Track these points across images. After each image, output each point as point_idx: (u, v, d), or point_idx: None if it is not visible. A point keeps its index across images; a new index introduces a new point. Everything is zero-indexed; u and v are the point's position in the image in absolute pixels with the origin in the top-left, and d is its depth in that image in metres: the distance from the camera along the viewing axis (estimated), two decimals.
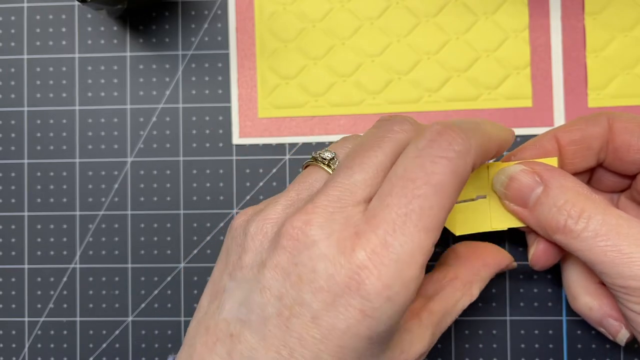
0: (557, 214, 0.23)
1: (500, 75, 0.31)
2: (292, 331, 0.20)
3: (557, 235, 0.23)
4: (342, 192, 0.21)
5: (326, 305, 0.19)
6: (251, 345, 0.20)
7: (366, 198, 0.21)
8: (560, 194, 0.23)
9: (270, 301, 0.20)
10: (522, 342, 0.31)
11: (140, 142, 0.32)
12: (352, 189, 0.21)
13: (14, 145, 0.33)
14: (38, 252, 0.32)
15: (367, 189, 0.21)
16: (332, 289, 0.19)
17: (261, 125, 0.32)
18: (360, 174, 0.21)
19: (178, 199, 0.32)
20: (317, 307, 0.19)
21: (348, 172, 0.21)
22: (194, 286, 0.32)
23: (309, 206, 0.20)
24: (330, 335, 0.19)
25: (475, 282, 0.26)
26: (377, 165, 0.21)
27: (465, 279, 0.26)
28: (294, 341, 0.19)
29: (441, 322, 0.24)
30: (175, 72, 0.32)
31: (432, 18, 0.31)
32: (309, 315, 0.19)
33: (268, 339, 0.20)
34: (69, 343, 0.32)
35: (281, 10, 0.32)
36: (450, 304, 0.25)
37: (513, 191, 0.25)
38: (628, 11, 0.31)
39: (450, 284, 0.25)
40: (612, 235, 0.22)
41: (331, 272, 0.19)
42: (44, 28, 0.33)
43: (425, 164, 0.20)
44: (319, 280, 0.19)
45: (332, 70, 0.32)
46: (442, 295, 0.25)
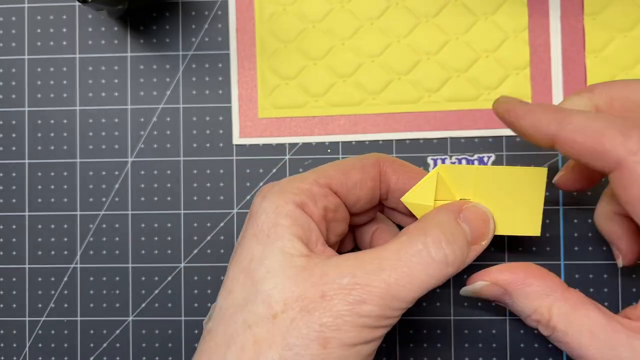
0: (527, 319, 0.25)
1: (500, 76, 0.31)
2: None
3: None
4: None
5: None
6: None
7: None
8: (527, 305, 0.24)
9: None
10: (521, 342, 0.31)
11: (141, 142, 0.32)
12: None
13: (14, 145, 0.33)
14: (39, 251, 0.32)
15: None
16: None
17: (261, 126, 0.32)
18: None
19: (178, 199, 0.32)
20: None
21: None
22: (195, 286, 0.32)
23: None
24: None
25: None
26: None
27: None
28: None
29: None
30: (175, 72, 0.32)
31: (432, 18, 0.32)
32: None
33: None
34: (70, 342, 0.32)
35: (281, 11, 0.32)
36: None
37: (487, 298, 0.26)
38: (628, 11, 0.31)
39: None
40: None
41: None
42: (44, 28, 0.33)
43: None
44: None
45: (332, 71, 0.32)
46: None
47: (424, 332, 0.31)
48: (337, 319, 0.21)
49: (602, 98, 0.24)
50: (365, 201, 0.26)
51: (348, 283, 0.21)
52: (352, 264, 0.22)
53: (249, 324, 0.22)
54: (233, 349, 0.22)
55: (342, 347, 0.21)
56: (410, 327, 0.31)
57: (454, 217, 0.24)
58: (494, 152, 0.31)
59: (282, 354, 0.21)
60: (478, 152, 0.31)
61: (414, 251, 0.22)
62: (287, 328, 0.21)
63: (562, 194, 0.31)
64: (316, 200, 0.24)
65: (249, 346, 0.21)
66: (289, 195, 0.24)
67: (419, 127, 0.32)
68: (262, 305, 0.22)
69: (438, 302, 0.31)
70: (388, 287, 0.21)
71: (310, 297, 0.21)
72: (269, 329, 0.21)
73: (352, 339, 0.21)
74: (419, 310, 0.31)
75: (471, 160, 0.31)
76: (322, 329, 0.21)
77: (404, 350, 0.31)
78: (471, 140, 0.31)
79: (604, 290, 0.31)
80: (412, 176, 0.27)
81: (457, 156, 0.31)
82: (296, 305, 0.21)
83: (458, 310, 0.31)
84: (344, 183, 0.25)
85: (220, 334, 0.22)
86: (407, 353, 0.31)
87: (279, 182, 0.25)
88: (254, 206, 0.24)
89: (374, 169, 0.26)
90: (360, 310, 0.21)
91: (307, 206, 0.24)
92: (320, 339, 0.21)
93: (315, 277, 0.22)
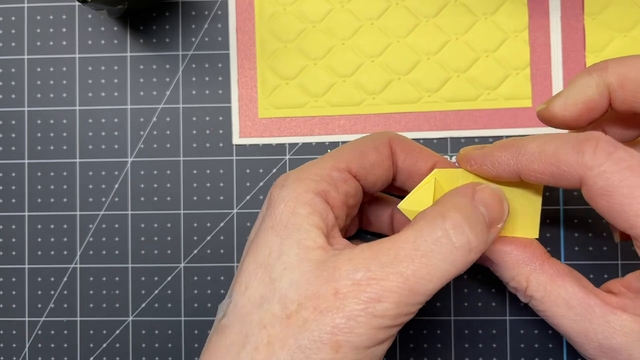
0: (509, 284, 0.25)
1: (500, 76, 0.31)
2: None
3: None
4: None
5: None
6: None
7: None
8: (507, 272, 0.25)
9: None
10: (521, 342, 0.31)
11: (141, 142, 0.32)
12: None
13: (14, 145, 0.33)
14: (38, 252, 0.32)
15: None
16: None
17: (261, 126, 0.32)
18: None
19: (178, 199, 0.32)
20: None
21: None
22: (194, 286, 0.32)
23: None
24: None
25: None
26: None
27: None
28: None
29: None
30: (175, 72, 0.32)
31: (432, 18, 0.32)
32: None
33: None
34: (70, 343, 0.32)
35: (281, 11, 0.32)
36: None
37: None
38: (628, 11, 0.31)
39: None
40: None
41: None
42: (44, 28, 0.33)
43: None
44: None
45: (332, 71, 0.32)
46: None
47: (424, 332, 0.31)
48: (350, 321, 0.20)
49: (615, 76, 0.23)
50: (382, 182, 0.26)
51: (362, 278, 0.20)
52: (367, 255, 0.21)
53: (264, 324, 0.21)
54: (247, 349, 0.21)
55: (356, 351, 0.20)
56: (411, 327, 0.31)
57: (470, 199, 0.23)
58: None
59: (294, 357, 0.20)
60: None
61: (433, 238, 0.21)
62: (299, 329, 0.20)
63: (562, 192, 0.31)
64: (337, 187, 0.24)
65: (263, 347, 0.21)
66: (309, 183, 0.23)
67: (419, 127, 0.32)
68: (278, 305, 0.21)
69: (438, 303, 0.31)
70: (405, 281, 0.20)
71: (323, 295, 0.20)
72: (282, 330, 0.21)
73: (365, 342, 0.20)
74: (419, 311, 0.31)
75: None
76: (335, 331, 0.20)
77: (404, 351, 0.31)
78: (471, 140, 0.31)
79: None
80: (420, 157, 0.26)
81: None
82: (309, 305, 0.20)
83: (458, 310, 0.31)
84: (363, 165, 0.25)
85: (235, 332, 0.22)
86: (407, 353, 0.31)
87: (295, 170, 0.24)
88: (272, 196, 0.23)
89: (387, 149, 0.25)
90: (374, 310, 0.20)
91: (329, 194, 0.23)
92: (332, 343, 0.20)
93: (329, 271, 0.21)
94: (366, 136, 0.26)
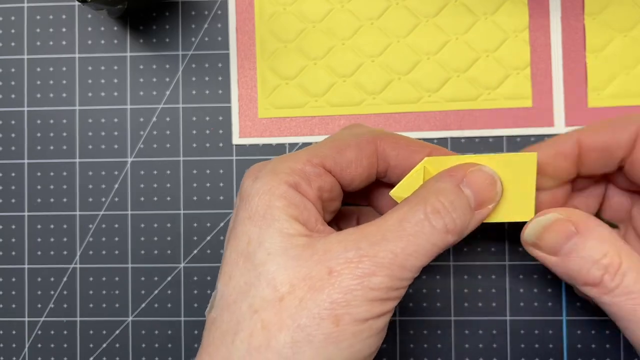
0: (593, 268, 0.22)
1: (500, 76, 0.31)
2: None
3: (587, 287, 0.23)
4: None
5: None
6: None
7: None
8: (597, 246, 0.23)
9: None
10: (522, 342, 0.31)
11: (141, 142, 0.32)
12: None
13: (14, 145, 0.33)
14: (38, 252, 0.32)
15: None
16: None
17: (261, 126, 0.32)
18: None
19: (178, 199, 0.32)
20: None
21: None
22: (194, 286, 0.32)
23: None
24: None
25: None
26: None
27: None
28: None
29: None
30: (175, 72, 0.32)
31: (432, 18, 0.31)
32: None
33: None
34: (69, 343, 0.32)
35: (281, 11, 0.32)
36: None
37: (546, 242, 0.24)
38: (628, 11, 0.31)
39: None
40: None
41: None
42: (44, 28, 0.33)
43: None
44: None
45: (332, 71, 0.32)
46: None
47: (424, 332, 0.31)
48: (347, 295, 0.20)
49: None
50: (360, 180, 0.25)
51: (354, 256, 0.21)
52: (355, 237, 0.22)
53: (255, 309, 0.21)
54: (241, 336, 0.21)
55: (355, 323, 0.20)
56: (411, 327, 0.31)
57: (455, 183, 0.23)
58: (494, 152, 0.31)
59: (294, 336, 0.20)
60: (478, 152, 0.31)
61: (416, 221, 0.22)
62: (295, 309, 0.20)
63: None
64: (310, 181, 0.24)
65: (258, 331, 0.21)
66: (282, 176, 0.23)
67: (419, 127, 0.31)
68: (267, 289, 0.21)
69: (438, 303, 0.31)
70: (395, 257, 0.21)
71: (317, 274, 0.21)
72: (276, 312, 0.21)
73: (363, 314, 0.21)
74: (419, 311, 0.31)
75: None
76: (333, 306, 0.20)
77: (404, 351, 0.31)
78: (471, 140, 0.31)
79: None
80: (413, 150, 0.26)
81: None
82: (303, 285, 0.21)
83: (458, 310, 0.31)
84: (338, 162, 0.25)
85: (225, 321, 0.22)
86: (407, 353, 0.31)
87: (269, 161, 0.24)
88: (245, 188, 0.23)
89: (370, 146, 0.25)
90: (369, 283, 0.21)
91: (301, 187, 0.23)
92: (332, 317, 0.20)
93: (319, 253, 0.21)
94: (350, 132, 0.26)
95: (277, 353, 0.20)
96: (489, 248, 0.31)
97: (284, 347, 0.20)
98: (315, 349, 0.20)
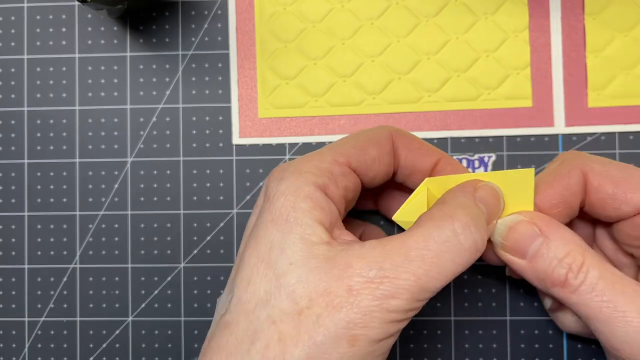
0: (558, 266, 0.23)
1: (500, 76, 0.31)
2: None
3: (555, 288, 0.23)
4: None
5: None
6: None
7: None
8: (561, 246, 0.23)
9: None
10: (522, 342, 0.31)
11: (141, 142, 0.32)
12: None
13: (14, 145, 0.33)
14: (38, 252, 0.32)
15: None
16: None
17: (261, 125, 0.32)
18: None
19: (178, 199, 0.32)
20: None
21: None
22: (194, 286, 0.32)
23: None
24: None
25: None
26: None
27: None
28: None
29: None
30: (175, 72, 0.32)
31: (432, 18, 0.31)
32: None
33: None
34: (69, 343, 0.32)
35: (281, 11, 0.32)
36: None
37: (512, 242, 0.24)
38: (628, 11, 0.31)
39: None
40: (608, 290, 0.22)
41: None
42: (44, 28, 0.33)
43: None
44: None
45: (332, 71, 0.32)
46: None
47: (424, 332, 0.31)
48: (366, 316, 0.20)
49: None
50: (381, 177, 0.25)
51: (375, 276, 0.21)
52: (378, 253, 0.21)
53: (273, 320, 0.21)
54: (257, 346, 0.21)
55: (370, 344, 0.20)
56: (411, 327, 0.31)
57: (473, 198, 0.23)
58: (494, 152, 0.31)
59: (309, 353, 0.20)
60: (478, 152, 0.31)
61: (443, 239, 0.21)
62: (313, 325, 0.20)
63: None
64: (337, 181, 0.23)
65: (274, 344, 0.20)
66: (309, 176, 0.23)
67: (419, 127, 0.31)
68: (287, 301, 0.21)
69: (438, 303, 0.31)
70: (417, 280, 0.21)
71: (336, 291, 0.20)
72: (294, 326, 0.20)
73: (379, 335, 0.20)
74: (419, 311, 0.31)
75: (472, 161, 0.31)
76: (350, 325, 0.20)
77: (405, 351, 0.31)
78: (471, 140, 0.31)
79: None
80: (422, 153, 0.26)
81: (457, 156, 0.31)
82: (322, 301, 0.20)
83: (458, 310, 0.31)
84: (363, 160, 0.24)
85: (242, 329, 0.21)
86: (407, 353, 0.31)
87: (293, 161, 0.24)
88: (270, 189, 0.23)
89: (389, 143, 0.25)
90: (388, 306, 0.20)
91: (329, 188, 0.23)
92: (348, 337, 0.20)
93: (339, 268, 0.21)
94: (368, 130, 0.26)
95: None
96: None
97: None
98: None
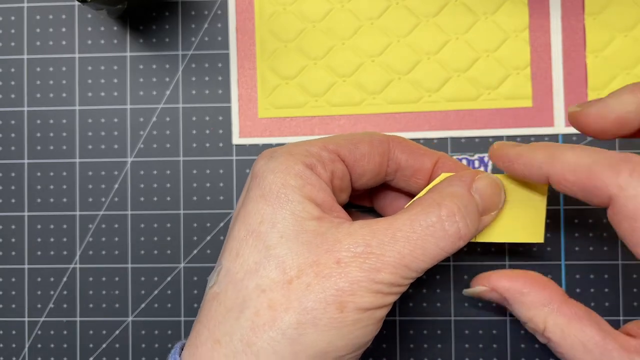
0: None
1: (500, 75, 0.31)
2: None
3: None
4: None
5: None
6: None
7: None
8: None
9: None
10: (521, 342, 0.31)
11: (140, 142, 0.32)
12: None
13: (14, 145, 0.33)
14: (38, 252, 0.32)
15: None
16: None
17: (261, 125, 0.32)
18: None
19: (178, 199, 0.32)
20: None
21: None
22: (194, 286, 0.32)
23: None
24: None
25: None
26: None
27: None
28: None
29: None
30: (175, 72, 0.32)
31: (432, 18, 0.31)
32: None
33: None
34: (69, 343, 0.32)
35: (281, 11, 0.32)
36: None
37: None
38: (628, 11, 0.31)
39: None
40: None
41: None
42: (44, 28, 0.33)
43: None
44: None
45: (332, 71, 0.32)
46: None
47: (424, 332, 0.31)
48: (353, 285, 0.21)
49: None
50: (370, 176, 0.26)
51: (362, 252, 0.22)
52: (365, 232, 0.22)
53: (262, 289, 0.21)
54: (247, 313, 0.21)
55: (358, 311, 0.21)
56: (411, 327, 0.31)
57: (467, 188, 0.24)
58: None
59: (299, 318, 0.21)
60: (478, 152, 0.31)
61: (428, 224, 0.22)
62: (303, 292, 0.21)
63: (562, 194, 0.31)
64: (325, 164, 0.24)
65: (264, 310, 0.21)
66: (298, 157, 0.23)
67: (419, 127, 0.31)
68: (276, 271, 0.22)
69: (438, 303, 0.31)
70: (402, 258, 0.22)
71: (325, 262, 0.21)
72: (284, 294, 0.21)
73: (366, 304, 0.21)
74: (419, 311, 0.31)
75: (472, 161, 0.31)
76: (339, 293, 0.21)
77: (404, 351, 0.31)
78: (471, 140, 0.31)
79: (605, 290, 0.30)
80: (421, 154, 0.26)
81: (457, 156, 0.31)
82: (311, 271, 0.21)
83: (458, 310, 0.31)
84: (353, 152, 0.25)
85: (230, 298, 0.22)
86: (407, 353, 0.31)
87: (283, 146, 0.25)
88: (258, 167, 0.24)
89: (382, 146, 0.26)
90: (375, 277, 0.21)
91: (316, 168, 0.24)
92: (337, 303, 0.21)
93: (329, 243, 0.22)
94: (363, 131, 0.27)
95: (281, 333, 0.21)
96: (489, 248, 0.31)
97: (289, 328, 0.21)
98: (319, 332, 0.21)
